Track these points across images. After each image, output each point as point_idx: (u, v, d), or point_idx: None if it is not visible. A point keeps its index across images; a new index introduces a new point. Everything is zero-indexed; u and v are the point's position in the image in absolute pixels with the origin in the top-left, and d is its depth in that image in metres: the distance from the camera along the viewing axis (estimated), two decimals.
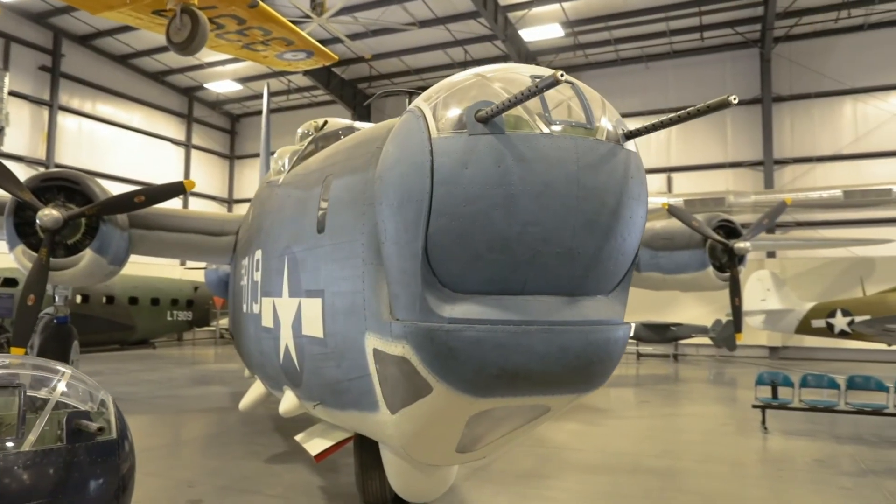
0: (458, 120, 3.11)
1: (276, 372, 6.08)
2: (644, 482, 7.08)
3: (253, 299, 7.02)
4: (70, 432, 3.42)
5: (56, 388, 3.58)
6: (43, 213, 8.65)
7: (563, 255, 3.07)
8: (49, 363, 3.84)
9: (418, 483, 4.72)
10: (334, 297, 4.42)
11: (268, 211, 6.68)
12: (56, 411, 3.45)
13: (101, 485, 3.48)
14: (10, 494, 3.10)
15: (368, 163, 4.13)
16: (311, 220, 4.96)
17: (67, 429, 3.42)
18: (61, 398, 3.54)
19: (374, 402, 4.03)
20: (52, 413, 3.42)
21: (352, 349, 4.18)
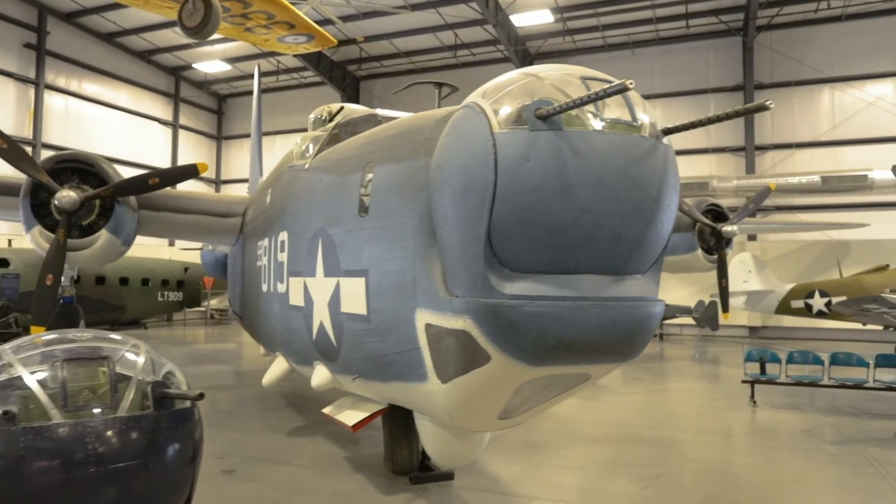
0: (518, 117, 3.45)
1: (307, 348, 6.39)
2: (646, 451, 7.56)
3: (277, 279, 7.30)
4: (155, 400, 3.73)
5: (137, 359, 3.87)
6: (61, 194, 8.78)
7: (612, 238, 3.44)
8: (120, 336, 4.12)
9: (455, 449, 5.10)
10: (380, 276, 4.75)
11: (294, 194, 6.94)
12: (141, 381, 3.75)
13: (181, 450, 3.79)
14: (109, 455, 3.41)
15: (417, 152, 4.45)
16: (350, 204, 5.27)
17: (153, 396, 3.73)
18: (143, 368, 3.83)
19: (423, 373, 4.38)
20: (138, 382, 3.72)
21: (400, 324, 4.52)
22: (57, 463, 3.28)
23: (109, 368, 3.66)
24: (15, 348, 3.71)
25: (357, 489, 6.05)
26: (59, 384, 3.46)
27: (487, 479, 6.37)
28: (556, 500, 5.79)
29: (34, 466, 3.24)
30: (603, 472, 6.74)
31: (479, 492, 5.98)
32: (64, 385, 3.46)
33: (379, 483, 6.21)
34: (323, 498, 5.80)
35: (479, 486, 6.13)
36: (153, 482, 3.60)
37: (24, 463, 3.23)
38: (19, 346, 3.75)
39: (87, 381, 3.64)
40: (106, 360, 3.71)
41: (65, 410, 3.39)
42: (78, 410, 3.42)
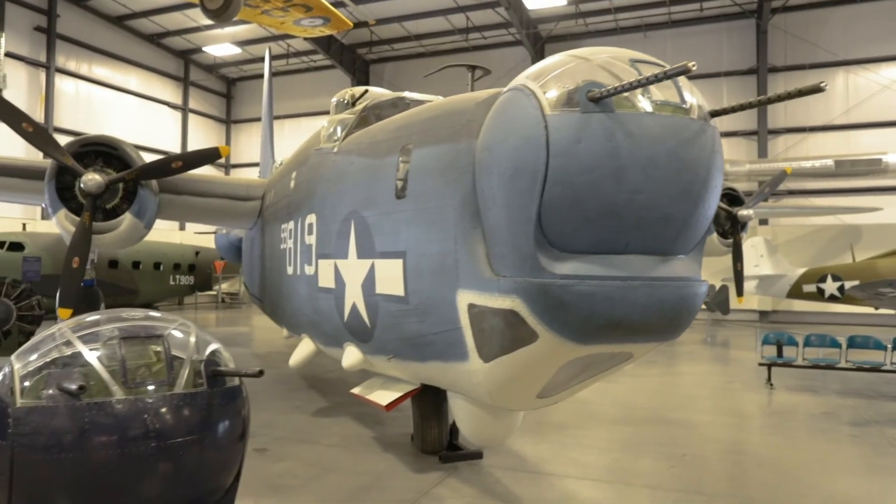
0: (569, 99, 3.48)
1: (337, 330, 6.48)
2: (667, 432, 7.66)
3: (305, 262, 7.37)
4: (208, 377, 3.81)
5: (188, 338, 3.94)
6: (86, 177, 8.84)
7: (662, 219, 3.49)
8: (170, 316, 4.19)
9: (490, 428, 5.19)
10: (419, 258, 4.81)
11: (322, 177, 6.99)
12: (194, 359, 3.82)
13: (232, 426, 3.87)
14: (167, 431, 3.49)
15: (458, 134, 4.49)
16: (386, 187, 5.32)
17: (206, 374, 3.81)
18: (194, 346, 3.91)
19: (464, 352, 4.45)
20: (192, 360, 3.80)
21: (440, 305, 4.59)
22: (118, 438, 3.36)
23: (164, 346, 3.74)
24: (73, 327, 3.79)
25: (388, 468, 6.16)
26: (118, 361, 3.53)
27: (516, 458, 6.46)
28: (587, 479, 5.89)
29: (96, 441, 3.32)
30: (628, 451, 6.83)
31: (510, 470, 6.08)
32: (123, 362, 3.53)
33: (409, 462, 6.32)
34: (355, 476, 5.91)
35: (509, 465, 6.23)
36: (207, 458, 3.69)
37: (86, 438, 3.31)
38: (77, 324, 3.83)
39: (143, 358, 3.72)
40: (160, 338, 3.79)
41: (125, 387, 3.46)
42: (137, 387, 3.50)
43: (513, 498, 5.40)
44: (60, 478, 3.31)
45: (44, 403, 3.36)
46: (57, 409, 3.33)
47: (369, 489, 5.55)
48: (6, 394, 3.43)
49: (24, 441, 3.29)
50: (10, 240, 19.84)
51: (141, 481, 3.45)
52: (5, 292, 11.42)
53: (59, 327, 3.87)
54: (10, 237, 19.95)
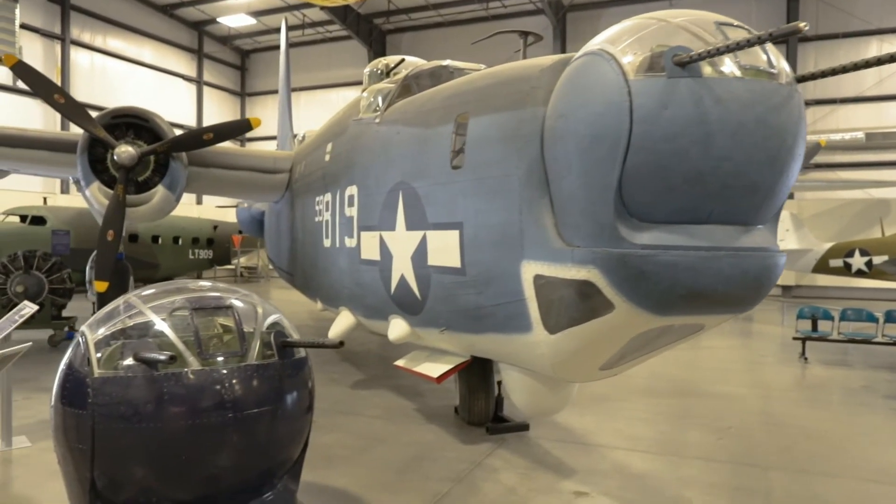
0: (654, 63, 3.35)
1: (382, 302, 6.43)
2: (708, 404, 7.63)
3: (345, 234, 7.31)
4: (278, 348, 3.77)
5: (255, 309, 3.91)
6: (120, 149, 8.78)
7: (747, 187, 3.38)
8: (233, 287, 4.15)
9: (546, 400, 5.16)
10: (478, 228, 4.73)
11: (364, 148, 6.89)
12: (264, 330, 3.79)
13: (300, 398, 3.85)
14: (241, 402, 3.46)
15: (522, 101, 4.37)
16: (439, 157, 5.21)
17: (276, 345, 3.77)
18: (261, 317, 3.87)
19: (526, 324, 4.40)
20: (262, 331, 3.77)
21: (501, 276, 4.52)
22: (195, 408, 3.34)
23: (235, 317, 3.70)
24: (144, 298, 3.75)
25: (436, 439, 6.16)
26: (192, 332, 3.50)
27: (562, 430, 6.45)
28: (637, 450, 5.87)
29: (174, 411, 3.31)
30: (672, 424, 6.80)
31: (558, 442, 6.07)
32: (197, 333, 3.50)
33: (456, 433, 6.32)
34: (405, 447, 5.91)
35: (557, 437, 6.22)
36: (278, 429, 3.67)
37: (165, 408, 3.30)
38: (146, 296, 3.80)
39: (214, 329, 3.69)
40: (229, 309, 3.75)
41: (200, 358, 3.44)
42: (211, 358, 3.47)
43: (565, 469, 5.39)
44: (140, 447, 3.31)
45: (122, 374, 3.35)
46: (136, 380, 3.32)
47: (421, 460, 5.55)
48: (83, 364, 3.42)
49: (104, 411, 3.29)
50: (33, 213, 19.92)
51: (216, 452, 3.44)
52: (36, 265, 11.45)
53: (127, 298, 3.84)
54: (32, 211, 20.01)
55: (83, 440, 3.32)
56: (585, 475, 5.24)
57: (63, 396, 3.45)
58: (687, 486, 5.02)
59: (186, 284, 4.03)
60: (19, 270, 11.30)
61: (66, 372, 3.52)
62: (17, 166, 10.81)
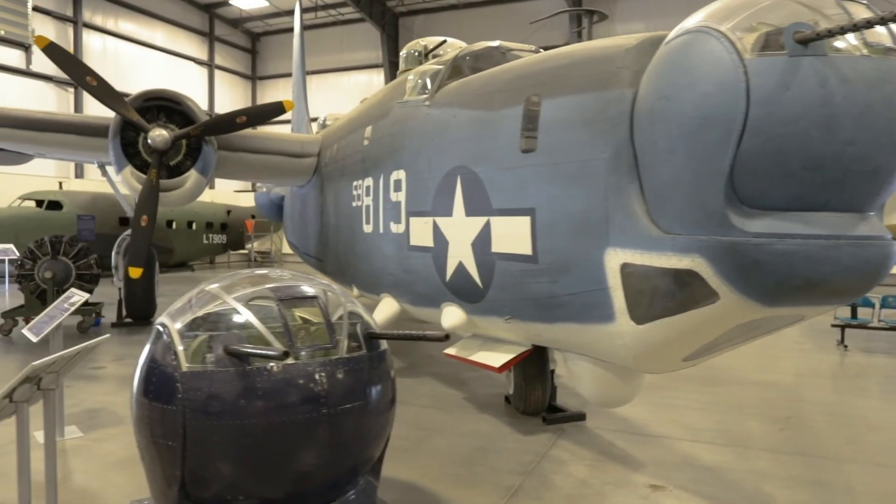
0: (773, 41, 3.16)
1: (435, 289, 6.28)
2: (759, 393, 7.50)
3: (390, 220, 7.15)
4: (365, 340, 3.63)
5: (338, 299, 3.75)
6: (154, 133, 8.60)
7: (869, 173, 3.20)
8: (310, 277, 4.00)
9: (618, 390, 5.02)
10: (553, 214, 4.56)
11: (413, 131, 6.70)
12: (351, 321, 3.64)
13: (385, 391, 3.69)
14: (334, 396, 3.31)
15: (606, 83, 4.18)
16: (506, 140, 5.03)
17: (363, 337, 3.63)
18: (345, 308, 3.72)
19: (608, 314, 4.24)
20: (349, 322, 3.62)
21: (580, 264, 4.36)
22: (288, 404, 3.20)
23: (322, 308, 3.55)
24: (224, 288, 3.60)
25: (492, 429, 6.05)
26: (281, 324, 3.35)
27: (618, 420, 6.33)
28: (700, 441, 5.75)
29: (266, 407, 3.16)
30: (727, 413, 6.68)
31: (618, 432, 5.95)
32: (286, 325, 3.35)
33: (512, 423, 6.21)
34: (464, 437, 5.80)
35: (615, 427, 6.10)
36: (368, 424, 3.54)
37: (257, 403, 3.16)
38: (225, 286, 3.64)
39: (303, 321, 3.54)
40: (315, 299, 3.60)
41: (292, 351, 3.29)
42: (301, 351, 3.32)
43: (633, 461, 5.27)
44: (231, 444, 3.18)
45: (213, 368, 3.20)
46: (228, 374, 3.17)
47: (485, 451, 5.43)
48: (170, 358, 3.27)
49: (195, 406, 3.15)
50: (49, 198, 19.80)
51: (307, 449, 3.31)
52: (63, 251, 11.33)
53: (207, 288, 3.69)
54: (49, 196, 19.90)
55: (172, 436, 3.19)
56: (656, 468, 5.11)
57: (148, 391, 3.31)
58: (763, 479, 4.89)
59: (266, 274, 3.88)
60: (46, 256, 11.17)
61: (150, 365, 3.38)
62: (44, 150, 10.65)
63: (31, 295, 11.00)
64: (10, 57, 20.66)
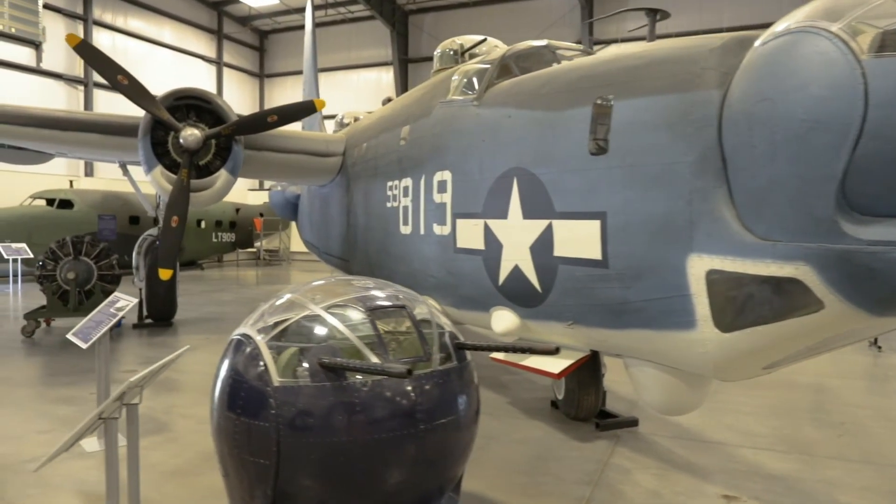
0: (888, 41, 3.03)
1: (485, 293, 6.15)
2: (807, 396, 7.40)
3: (433, 221, 7.02)
4: (455, 350, 3.50)
5: (423, 307, 3.62)
6: (186, 132, 8.46)
7: None
8: (390, 284, 3.87)
9: (685, 398, 4.90)
10: (628, 218, 4.43)
11: (460, 131, 6.56)
12: (439, 331, 3.51)
13: (472, 404, 3.55)
14: (431, 410, 3.18)
15: (690, 84, 4.05)
16: (571, 142, 4.90)
17: (453, 347, 3.50)
18: (431, 317, 3.59)
19: (689, 321, 4.11)
20: (439, 332, 3.49)
21: (658, 270, 4.24)
22: (387, 419, 3.08)
23: (411, 319, 3.42)
24: (308, 296, 3.47)
25: (546, 435, 5.93)
26: (374, 336, 3.22)
27: (671, 425, 6.21)
28: (762, 449, 5.63)
29: (364, 423, 3.04)
30: (780, 418, 6.56)
31: (676, 439, 5.84)
32: (380, 337, 3.22)
33: (564, 429, 6.09)
34: (519, 445, 5.68)
35: (671, 433, 5.98)
36: (458, 438, 3.42)
37: (354, 419, 3.03)
38: (308, 293, 3.51)
39: (393, 331, 3.41)
40: (404, 308, 3.47)
41: (386, 363, 3.16)
42: (399, 363, 3.19)
43: (700, 469, 5.15)
44: (326, 461, 3.05)
45: (307, 382, 3.07)
46: (323, 389, 3.05)
47: (545, 460, 5.31)
48: (260, 371, 3.15)
49: (289, 422, 3.03)
50: (60, 197, 19.62)
51: (401, 465, 3.18)
52: (85, 251, 11.17)
53: (290, 296, 3.56)
54: (59, 194, 19.72)
55: (264, 453, 3.06)
56: (725, 476, 5.00)
57: (235, 405, 3.18)
58: (838, 490, 4.78)
59: (350, 281, 3.75)
60: (68, 256, 11.02)
61: (235, 378, 3.25)
62: (66, 149, 10.51)
63: (52, 296, 10.85)
64: (20, 54, 20.47)
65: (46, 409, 6.63)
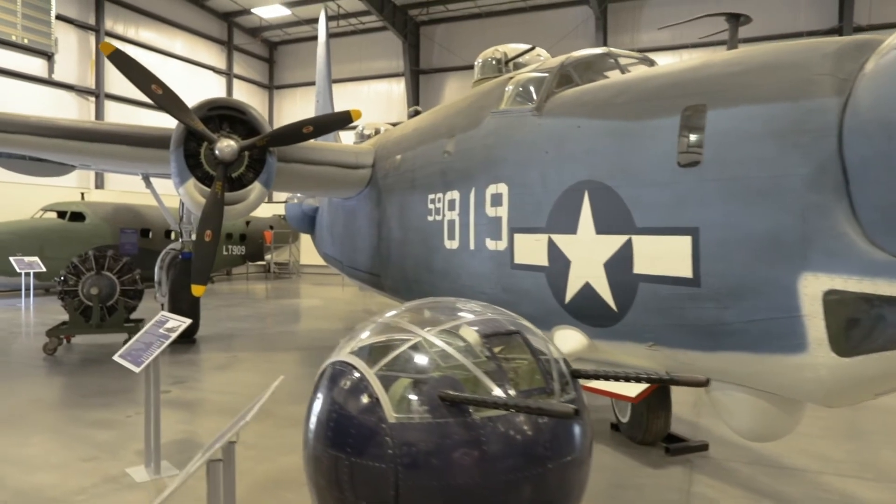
0: None
1: (547, 311, 5.88)
2: (871, 417, 7.13)
3: (486, 235, 6.76)
4: (573, 381, 3.23)
5: (536, 332, 3.35)
6: (222, 144, 8.20)
7: None
8: (492, 306, 3.60)
9: (778, 424, 4.62)
10: (727, 234, 4.18)
11: (518, 142, 6.32)
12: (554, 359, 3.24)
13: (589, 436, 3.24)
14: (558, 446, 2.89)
15: (802, 91, 3.82)
16: (656, 153, 4.66)
17: (570, 377, 3.23)
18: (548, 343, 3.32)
19: (799, 343, 3.85)
20: (554, 360, 3.22)
21: (764, 289, 3.98)
22: (517, 458, 2.79)
23: (528, 345, 3.15)
24: (415, 321, 3.20)
25: (615, 461, 5.64)
26: (494, 365, 2.95)
27: (743, 449, 5.93)
28: (849, 476, 5.34)
29: (492, 463, 2.76)
30: (855, 440, 6.29)
31: (753, 465, 5.55)
32: (500, 367, 2.95)
33: (631, 453, 5.80)
34: None
35: (746, 458, 5.70)
36: (580, 475, 3.13)
37: (482, 459, 2.75)
38: (415, 318, 3.24)
39: (510, 359, 3.13)
40: (518, 334, 3.20)
41: (508, 395, 2.89)
42: (524, 397, 2.92)
43: (789, 499, 4.86)
44: None
45: (428, 419, 2.79)
46: (446, 426, 2.76)
47: (623, 488, 5.02)
48: (373, 407, 2.86)
49: (409, 463, 2.74)
50: (72, 209, 19.33)
51: None
52: (108, 266, 10.89)
53: (389, 320, 3.28)
54: (71, 207, 19.44)
55: (380, 498, 2.78)
56: None
57: (340, 443, 2.90)
58: None
59: (454, 303, 3.48)
60: (91, 271, 10.74)
61: (339, 412, 2.97)
62: (91, 161, 10.24)
63: (74, 312, 10.55)
64: (32, 65, 20.26)
65: (84, 433, 6.32)
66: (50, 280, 17.91)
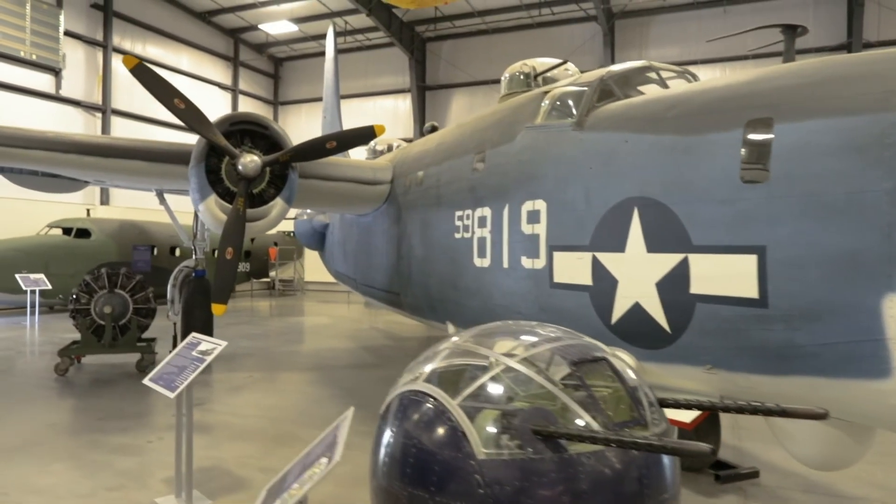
0: None
1: (591, 332, 5.55)
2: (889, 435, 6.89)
3: (522, 253, 6.56)
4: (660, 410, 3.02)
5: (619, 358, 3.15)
6: (245, 159, 8.01)
7: None
8: (566, 330, 3.39)
9: (846, 453, 4.43)
10: (796, 253, 3.99)
11: (558, 157, 6.15)
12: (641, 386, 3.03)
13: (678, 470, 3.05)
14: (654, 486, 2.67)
15: (884, 104, 3.66)
16: (716, 169, 4.48)
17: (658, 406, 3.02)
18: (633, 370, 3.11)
19: (882, 369, 3.66)
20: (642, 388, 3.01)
21: (841, 311, 3.79)
22: (610, 498, 2.58)
23: (616, 374, 2.94)
24: (492, 346, 2.99)
25: None
26: (587, 396, 2.74)
27: (795, 476, 5.70)
28: None
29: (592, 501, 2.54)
30: None
31: (809, 493, 5.32)
32: (592, 397, 2.74)
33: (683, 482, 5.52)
34: None
35: (799, 486, 5.47)
36: None
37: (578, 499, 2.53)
38: (493, 343, 3.03)
39: (599, 389, 2.92)
40: (605, 361, 2.99)
41: (606, 430, 2.67)
42: (618, 429, 2.70)
43: None
44: None
45: (520, 454, 2.57)
46: (541, 463, 2.54)
47: None
48: (458, 442, 2.64)
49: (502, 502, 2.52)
50: (77, 226, 19.11)
51: None
52: (120, 284, 10.65)
53: (463, 345, 3.07)
54: (77, 223, 19.22)
55: None
56: None
57: (421, 481, 2.68)
58: None
59: (522, 328, 3.28)
60: (103, 290, 10.50)
61: (418, 447, 2.75)
62: (106, 177, 10.05)
63: (87, 331, 10.30)
64: (40, 81, 20.14)
65: (106, 460, 6.05)
66: (55, 297, 17.65)
